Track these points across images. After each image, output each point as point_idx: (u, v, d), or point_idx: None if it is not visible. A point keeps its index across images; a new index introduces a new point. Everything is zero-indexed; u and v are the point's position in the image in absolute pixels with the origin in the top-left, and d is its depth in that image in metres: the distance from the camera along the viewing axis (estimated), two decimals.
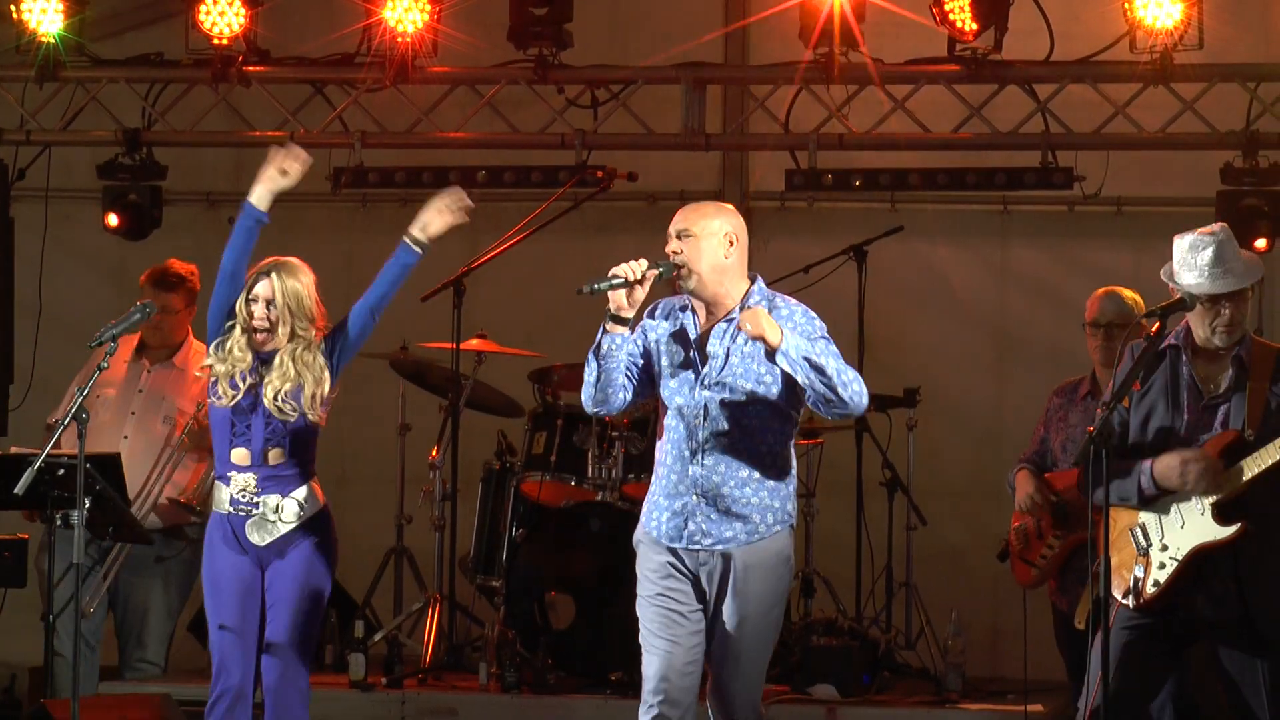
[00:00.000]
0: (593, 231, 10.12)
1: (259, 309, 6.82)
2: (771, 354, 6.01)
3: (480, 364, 9.18)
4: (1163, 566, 6.11)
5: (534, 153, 9.84)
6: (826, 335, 6.23)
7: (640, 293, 6.10)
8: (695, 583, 6.18)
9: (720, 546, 6.14)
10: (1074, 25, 9.36)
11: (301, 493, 6.80)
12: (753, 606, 6.16)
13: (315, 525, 6.84)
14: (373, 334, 10.01)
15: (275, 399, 6.73)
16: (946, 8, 8.94)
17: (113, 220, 9.80)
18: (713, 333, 6.21)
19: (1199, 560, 6.07)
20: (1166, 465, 6.09)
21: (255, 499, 6.72)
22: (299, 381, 6.81)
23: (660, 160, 9.91)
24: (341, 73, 9.74)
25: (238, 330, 6.83)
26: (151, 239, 9.89)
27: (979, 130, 9.42)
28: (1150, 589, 6.13)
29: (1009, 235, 10.09)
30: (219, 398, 6.77)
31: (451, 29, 9.44)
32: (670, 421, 6.23)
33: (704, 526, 6.15)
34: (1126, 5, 8.86)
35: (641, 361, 6.27)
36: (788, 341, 6.00)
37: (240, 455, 6.76)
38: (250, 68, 9.61)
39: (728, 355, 6.17)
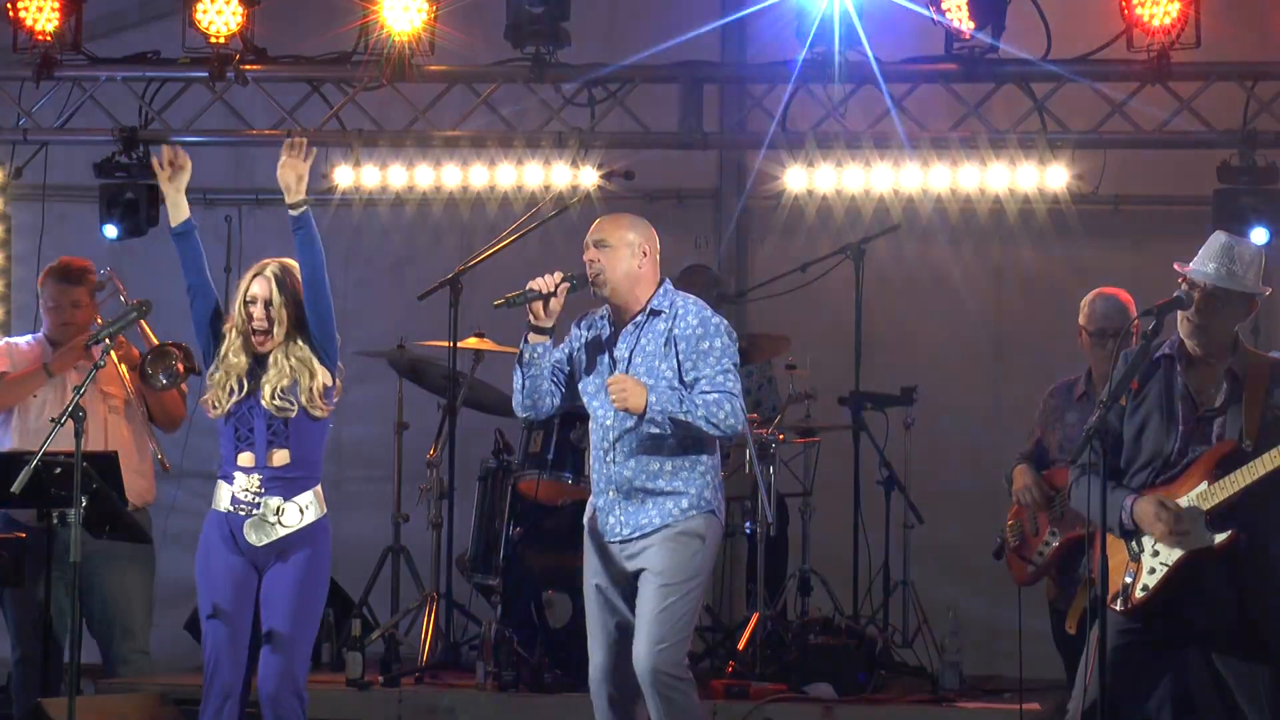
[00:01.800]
0: (589, 230, 10.11)
1: (258, 310, 6.81)
2: (641, 418, 6.38)
3: (478, 363, 9.18)
4: (1153, 572, 6.12)
5: (531, 152, 9.84)
6: (722, 335, 6.53)
7: (556, 304, 6.53)
8: (624, 573, 6.57)
9: (637, 534, 6.50)
10: (1071, 24, 9.36)
11: (305, 498, 6.81)
12: (662, 578, 6.45)
13: (316, 531, 6.83)
14: (371, 332, 10.08)
15: (272, 396, 6.71)
16: (944, 6, 8.93)
17: (111, 231, 9.78)
18: (620, 336, 6.60)
19: (1189, 568, 6.07)
20: (1142, 511, 6.11)
21: (257, 499, 6.71)
22: (294, 377, 6.81)
23: (657, 159, 9.90)
24: (338, 71, 9.73)
25: (233, 334, 6.81)
26: (148, 238, 9.89)
27: (976, 129, 9.42)
28: (1139, 594, 6.13)
29: (1006, 234, 10.09)
30: (213, 407, 6.79)
31: (448, 27, 9.44)
32: (591, 424, 6.67)
33: (622, 519, 6.53)
34: (1124, 4, 8.86)
35: (567, 369, 6.69)
36: (652, 407, 6.37)
37: (246, 458, 6.78)
38: (247, 66, 9.61)
39: (630, 356, 6.54)
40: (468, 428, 9.22)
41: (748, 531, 8.90)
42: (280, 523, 6.74)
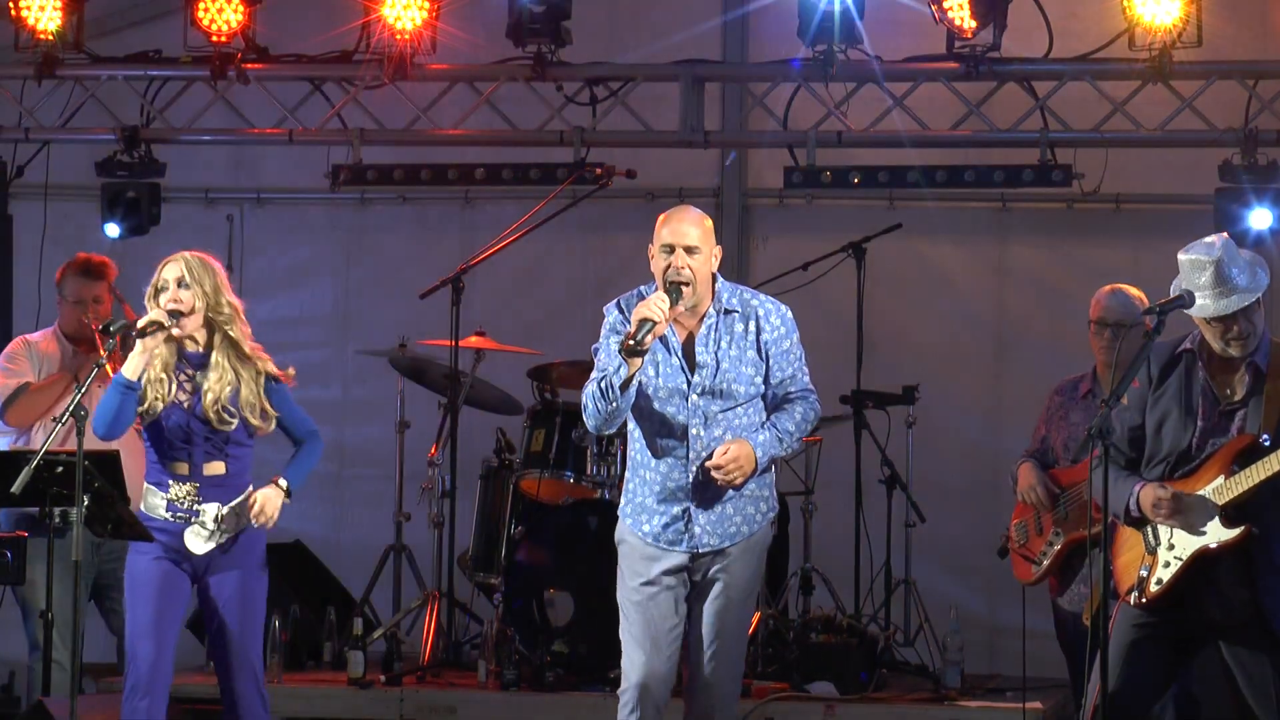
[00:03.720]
0: (591, 229, 10.13)
1: (169, 293, 6.58)
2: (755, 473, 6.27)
3: (479, 361, 9.19)
4: (1167, 565, 6.11)
5: (532, 150, 9.84)
6: (795, 328, 6.46)
7: (664, 327, 6.18)
8: (686, 581, 6.30)
9: (726, 544, 6.29)
10: (1073, 22, 9.37)
11: (242, 501, 6.70)
12: (738, 593, 6.32)
13: (256, 533, 6.75)
14: (373, 331, 10.09)
15: (215, 405, 6.59)
16: (945, 5, 8.93)
17: (113, 230, 9.78)
18: (697, 339, 6.32)
19: (1204, 562, 6.06)
20: (1145, 496, 6.11)
21: (196, 506, 6.61)
22: (236, 384, 6.66)
23: (659, 157, 9.91)
24: (340, 70, 9.73)
25: (159, 334, 6.60)
26: (150, 236, 9.89)
27: (978, 127, 9.42)
28: (1154, 587, 6.13)
29: (1008, 232, 10.09)
30: (148, 412, 6.57)
31: (450, 26, 9.44)
32: (653, 428, 6.31)
33: (708, 528, 6.28)
34: (1125, 3, 8.85)
35: None
36: (760, 463, 6.27)
37: (180, 467, 6.64)
38: (249, 65, 9.60)
39: (719, 363, 6.29)
40: (469, 426, 9.22)
41: None
42: (221, 529, 6.65)
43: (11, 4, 9.44)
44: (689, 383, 6.27)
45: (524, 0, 9.22)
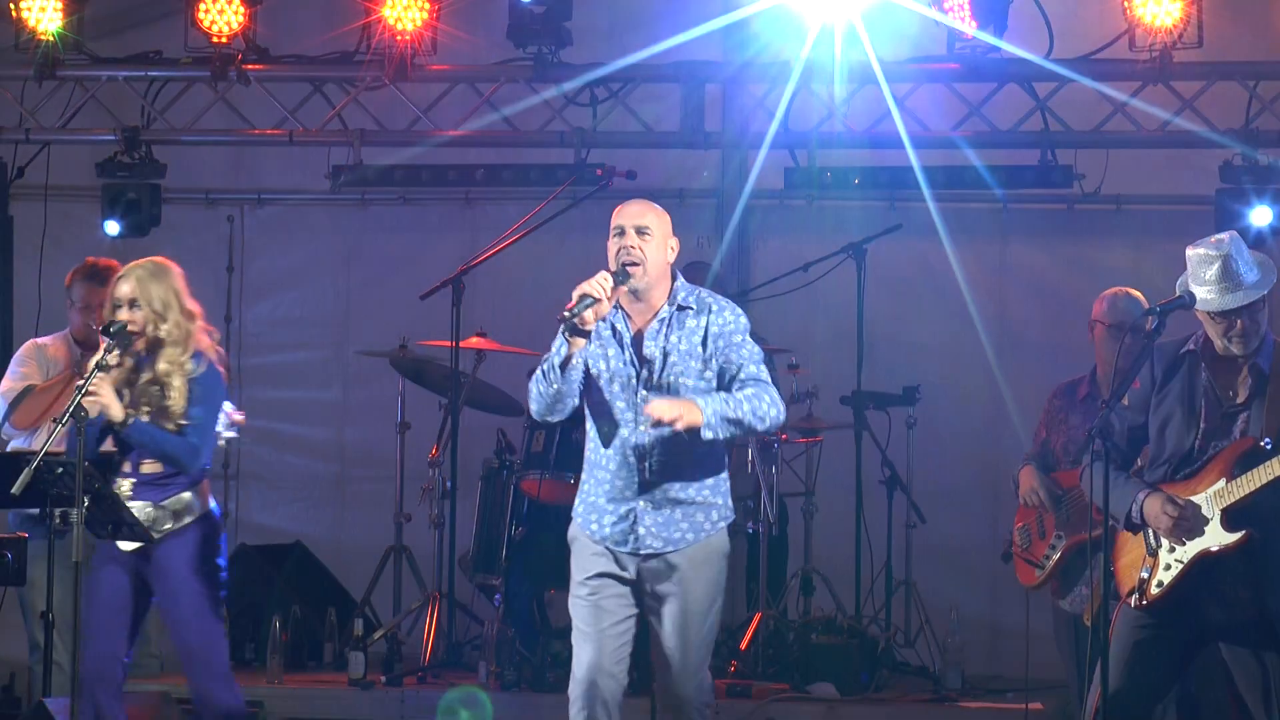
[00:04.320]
0: (591, 229, 10.06)
1: (123, 313, 6.67)
2: (698, 435, 6.02)
3: (480, 362, 9.18)
4: (1168, 568, 6.11)
5: (532, 151, 9.84)
6: (748, 332, 6.30)
7: (607, 307, 6.13)
8: (635, 585, 6.23)
9: (670, 549, 6.19)
10: (1073, 23, 9.37)
11: (180, 500, 6.67)
12: (696, 605, 6.20)
13: (193, 531, 6.71)
14: (373, 332, 10.08)
15: (146, 407, 6.62)
16: (946, 6, 8.93)
17: (113, 227, 9.79)
18: (646, 334, 6.25)
19: (1205, 564, 6.06)
20: (1150, 506, 6.11)
21: (129, 504, 6.63)
22: (165, 394, 6.66)
23: (659, 158, 9.91)
24: (340, 71, 9.74)
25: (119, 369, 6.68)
26: (150, 237, 9.89)
27: (978, 128, 9.43)
28: (1154, 589, 6.12)
29: (1008, 233, 10.09)
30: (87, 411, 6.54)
31: (450, 27, 9.44)
32: (604, 423, 6.27)
33: (653, 529, 6.19)
34: (1126, 3, 8.87)
35: (582, 369, 6.29)
36: (709, 418, 6.03)
37: (123, 465, 6.68)
38: (249, 66, 9.61)
39: (666, 355, 6.21)
40: (470, 427, 9.22)
41: (749, 531, 8.89)
42: (152, 529, 6.65)
43: (12, 5, 9.45)
44: (637, 376, 6.21)
45: (525, 1, 9.22)
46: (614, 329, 6.27)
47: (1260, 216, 8.85)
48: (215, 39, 9.45)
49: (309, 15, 10.01)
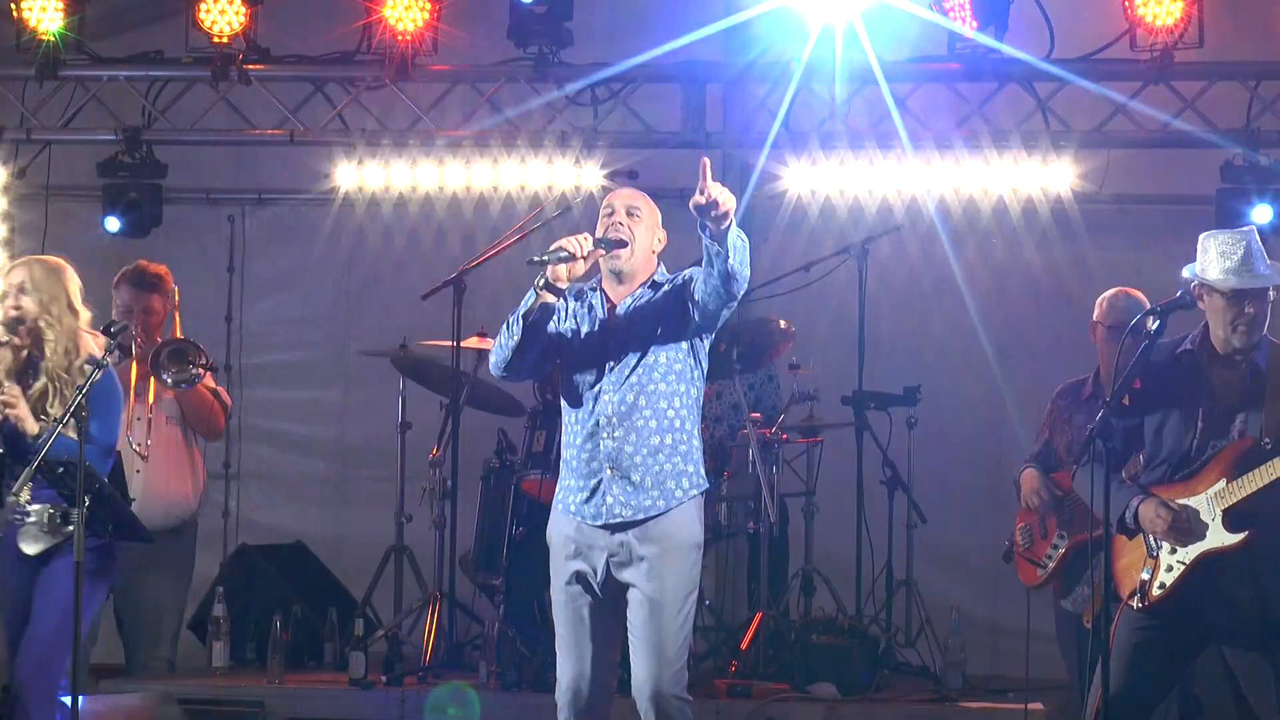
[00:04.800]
0: (594, 229, 10.09)
1: (10, 299, 6.66)
2: (723, 231, 5.91)
3: (480, 362, 9.17)
4: (1170, 569, 6.11)
5: (535, 151, 9.85)
6: None
7: (581, 268, 6.23)
8: (608, 577, 6.23)
9: (639, 516, 6.20)
10: (1074, 23, 9.36)
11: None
12: (668, 599, 6.18)
13: (85, 540, 6.69)
14: (374, 332, 10.08)
15: (41, 412, 6.61)
16: (947, 6, 8.93)
17: (113, 224, 9.79)
18: (619, 308, 6.34)
19: (1206, 565, 6.06)
20: (1145, 513, 6.11)
21: (29, 507, 6.60)
22: (52, 395, 6.67)
23: (660, 158, 9.90)
24: (341, 71, 9.73)
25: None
26: (151, 237, 9.90)
27: (979, 128, 9.42)
28: (1156, 591, 6.13)
29: (1009, 233, 10.08)
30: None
31: (451, 27, 9.44)
32: (574, 393, 6.33)
33: (621, 498, 6.22)
34: (1127, 3, 8.86)
35: (554, 339, 6.38)
36: (737, 220, 5.96)
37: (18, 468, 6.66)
38: (250, 66, 9.60)
39: (635, 323, 6.28)
40: (470, 427, 9.22)
41: (750, 531, 8.89)
42: (55, 531, 6.63)
43: (13, 5, 9.44)
44: (606, 349, 6.29)
45: (525, 1, 9.21)
46: (590, 306, 6.39)
47: (1261, 216, 8.85)
48: (216, 39, 9.44)
49: (310, 15, 10.00)
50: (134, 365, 8.33)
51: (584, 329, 6.38)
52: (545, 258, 6.18)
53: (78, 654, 6.71)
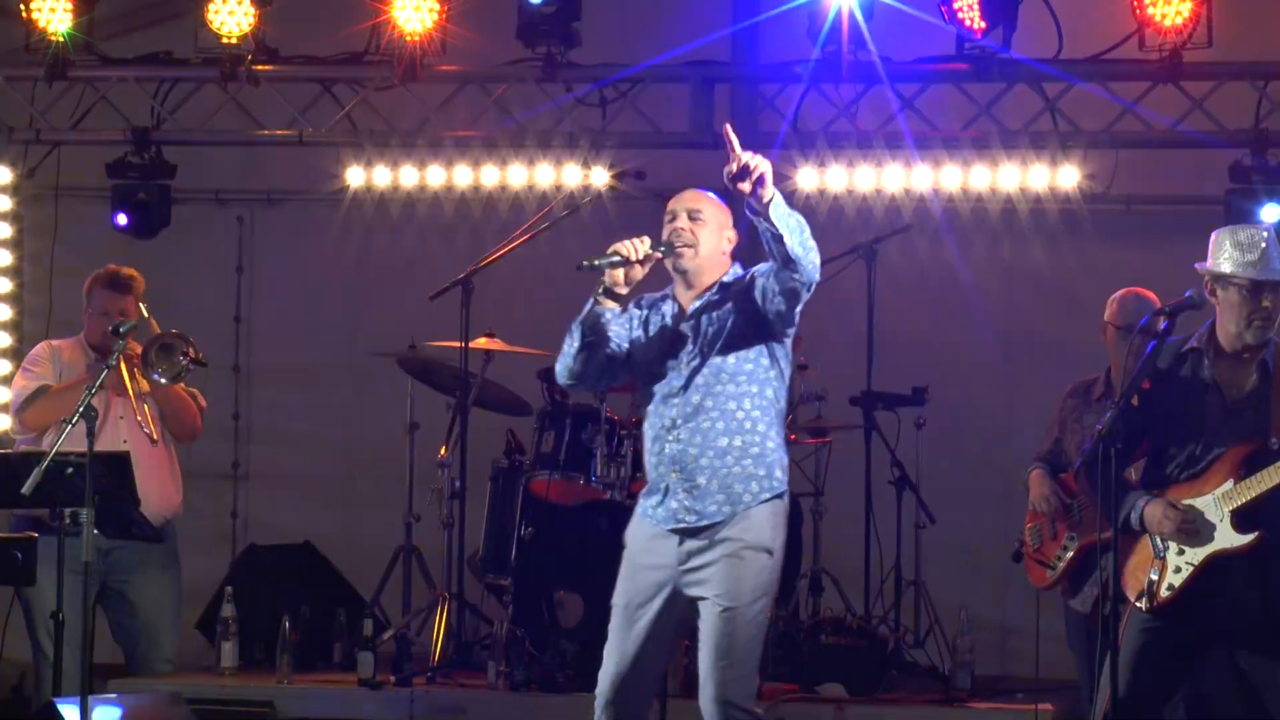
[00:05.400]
0: (601, 230, 10.09)
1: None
2: (766, 204, 5.82)
3: (489, 362, 9.18)
4: (1178, 571, 6.10)
5: (543, 152, 9.85)
6: None
7: (639, 272, 6.15)
8: (674, 584, 6.14)
9: (704, 523, 6.10)
10: (1083, 23, 9.35)
11: None
12: (742, 602, 6.07)
13: None
14: (383, 332, 10.09)
15: None
16: (955, 6, 8.93)
17: (121, 219, 9.80)
18: (687, 311, 6.25)
19: (1215, 567, 6.05)
20: (1151, 514, 6.10)
21: None
22: None
23: (668, 159, 9.90)
24: (350, 72, 9.74)
25: None
26: (160, 238, 9.91)
27: (988, 129, 9.42)
28: (1164, 593, 6.12)
29: (1018, 234, 10.07)
30: None
31: (459, 27, 9.44)
32: (650, 399, 6.26)
33: (685, 503, 6.13)
34: (1135, 3, 8.85)
35: (626, 346, 6.29)
36: (775, 189, 5.84)
37: None
38: (259, 66, 9.61)
39: (708, 329, 6.17)
40: (479, 428, 9.22)
41: None
42: None
43: (23, 5, 9.46)
44: (675, 350, 6.21)
45: (534, 2, 9.22)
46: (662, 313, 6.28)
47: (1270, 216, 8.84)
48: (225, 40, 9.45)
49: (318, 16, 9.99)
50: (121, 363, 8.31)
51: (655, 335, 6.28)
52: (598, 262, 6.11)
53: (86, 654, 6.73)
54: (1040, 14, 9.16)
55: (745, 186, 5.80)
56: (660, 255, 6.19)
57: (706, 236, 6.23)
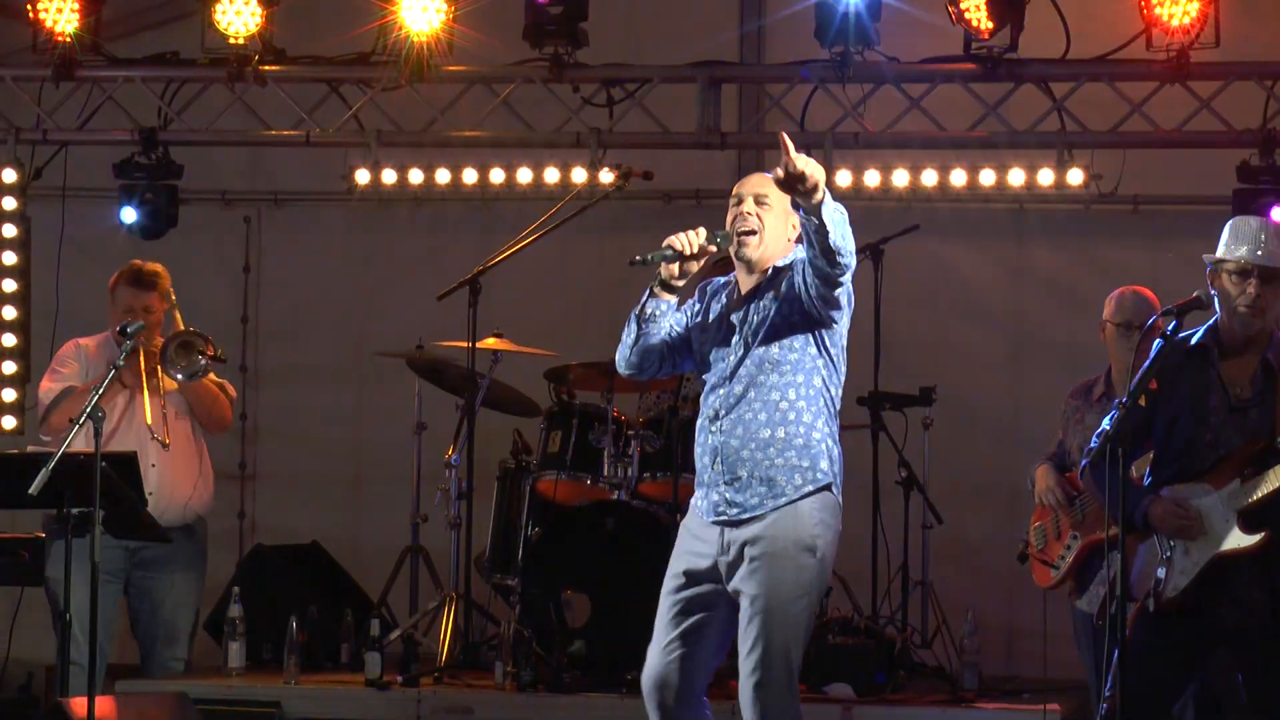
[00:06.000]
0: (608, 230, 10.11)
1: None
2: (817, 205, 5.70)
3: (496, 363, 9.18)
4: (1184, 571, 6.10)
5: (549, 152, 9.85)
6: None
7: (694, 265, 6.07)
8: (716, 569, 6.03)
9: (746, 515, 5.99)
10: (1090, 23, 9.35)
11: None
12: (777, 601, 5.94)
13: None
14: (390, 333, 10.09)
15: None
16: (962, 6, 8.92)
17: (129, 219, 9.80)
18: (745, 297, 6.14)
19: (1222, 567, 6.04)
20: (1156, 514, 6.10)
21: None
22: None
23: (675, 159, 9.91)
24: (357, 72, 9.74)
25: None
26: (168, 238, 9.92)
27: (995, 129, 9.41)
28: (1170, 592, 6.11)
29: (1025, 234, 10.08)
30: None
31: (467, 28, 9.45)
32: (706, 388, 6.17)
33: (727, 495, 6.03)
34: (1143, 3, 8.85)
35: (683, 335, 6.21)
36: (828, 197, 5.71)
37: None
38: (266, 67, 9.62)
39: (758, 316, 6.06)
40: (486, 428, 9.22)
41: None
42: None
43: (30, 6, 9.46)
44: (725, 339, 6.10)
45: (541, 2, 9.22)
46: (723, 300, 6.19)
47: (1278, 215, 8.84)
48: (232, 40, 9.45)
49: (326, 16, 10.01)
50: (142, 359, 8.32)
51: (713, 323, 6.18)
52: (651, 256, 6.02)
53: (94, 655, 6.73)
54: (1047, 14, 9.16)
55: (800, 197, 5.69)
56: (716, 249, 6.07)
57: (772, 222, 6.11)
